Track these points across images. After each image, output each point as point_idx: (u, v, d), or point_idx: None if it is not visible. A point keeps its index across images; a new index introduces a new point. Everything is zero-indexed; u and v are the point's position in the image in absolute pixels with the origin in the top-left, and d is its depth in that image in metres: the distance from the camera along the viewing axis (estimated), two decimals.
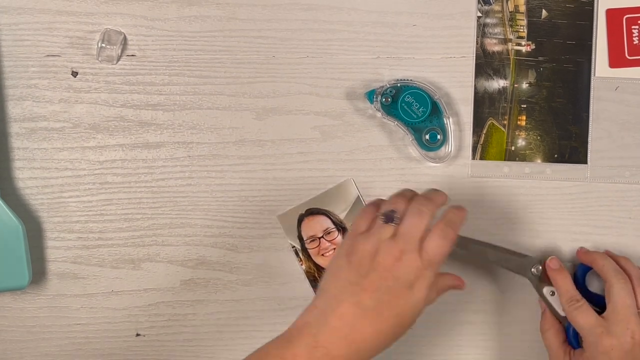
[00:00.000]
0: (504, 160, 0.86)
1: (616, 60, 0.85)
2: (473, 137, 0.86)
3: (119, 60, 0.85)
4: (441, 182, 0.86)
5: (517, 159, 0.86)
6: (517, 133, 0.86)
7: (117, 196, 0.85)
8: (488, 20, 0.86)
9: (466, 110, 0.86)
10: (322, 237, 0.85)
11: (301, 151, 0.85)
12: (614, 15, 0.85)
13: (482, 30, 0.86)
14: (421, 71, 0.85)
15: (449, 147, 0.85)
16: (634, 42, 0.85)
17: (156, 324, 0.86)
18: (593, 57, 0.86)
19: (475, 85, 0.86)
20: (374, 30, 0.85)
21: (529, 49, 0.86)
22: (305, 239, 0.85)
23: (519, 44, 0.86)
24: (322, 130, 0.85)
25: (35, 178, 0.85)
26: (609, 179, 0.86)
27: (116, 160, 0.85)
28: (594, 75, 0.86)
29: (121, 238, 0.85)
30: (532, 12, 0.86)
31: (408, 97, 0.83)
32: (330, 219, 0.85)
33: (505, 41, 0.86)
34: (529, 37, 0.86)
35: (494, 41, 0.86)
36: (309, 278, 0.85)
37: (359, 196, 0.84)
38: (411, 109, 0.83)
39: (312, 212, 0.85)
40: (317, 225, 0.85)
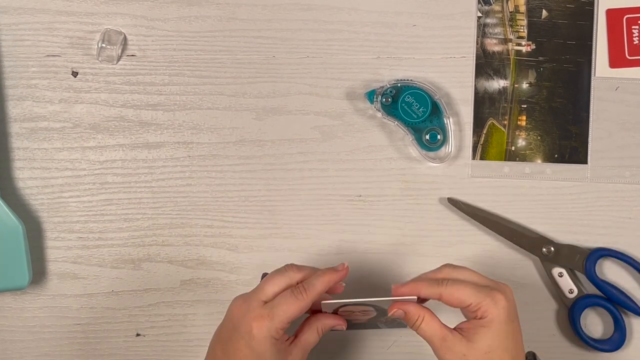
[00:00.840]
0: (504, 160, 0.86)
1: (616, 60, 0.85)
2: (473, 137, 0.86)
3: (119, 60, 0.85)
4: (441, 182, 0.86)
5: (517, 159, 0.86)
6: (517, 133, 0.86)
7: (117, 196, 0.85)
8: (488, 20, 0.86)
9: (466, 110, 0.86)
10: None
11: (301, 151, 0.85)
12: (614, 15, 0.85)
13: (482, 30, 0.86)
14: (421, 71, 0.85)
15: (449, 147, 0.85)
16: (634, 42, 0.85)
17: (156, 324, 0.86)
18: (593, 57, 0.86)
19: (475, 85, 0.86)
20: (374, 30, 0.85)
21: (529, 49, 0.86)
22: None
23: (519, 44, 0.86)
24: (322, 130, 0.85)
25: (35, 178, 0.85)
26: (609, 179, 0.86)
27: (116, 160, 0.85)
28: (594, 75, 0.86)
29: (121, 238, 0.85)
30: (532, 12, 0.86)
31: (408, 97, 0.83)
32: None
33: (505, 41, 0.86)
34: (529, 37, 0.86)
35: (494, 41, 0.86)
36: None
37: None
38: (411, 109, 0.83)
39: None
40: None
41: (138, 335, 0.86)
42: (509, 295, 0.71)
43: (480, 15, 0.86)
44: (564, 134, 0.86)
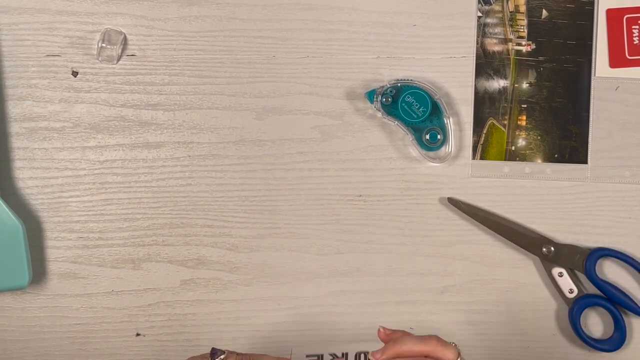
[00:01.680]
0: (504, 160, 0.86)
1: (616, 60, 0.85)
2: (473, 137, 0.86)
3: (119, 60, 0.85)
4: (441, 182, 0.86)
5: (518, 158, 0.86)
6: (517, 133, 0.86)
7: (117, 196, 0.85)
8: (488, 20, 0.86)
9: (466, 110, 0.86)
10: None
11: (301, 151, 0.85)
12: (614, 15, 0.85)
13: (482, 30, 0.86)
14: (421, 71, 0.85)
15: (449, 147, 0.85)
16: (634, 42, 0.85)
17: (156, 324, 0.86)
18: (593, 57, 0.86)
19: (475, 85, 0.86)
20: (374, 30, 0.85)
21: (529, 48, 0.86)
22: None
23: (519, 44, 0.86)
24: (322, 130, 0.85)
25: (35, 178, 0.85)
26: (609, 179, 0.86)
27: (116, 160, 0.85)
28: (594, 75, 0.86)
29: (121, 238, 0.85)
30: (532, 12, 0.86)
31: (408, 97, 0.83)
32: None
33: (505, 41, 0.86)
34: (529, 37, 0.86)
35: (494, 41, 0.86)
36: None
37: None
38: (411, 108, 0.83)
39: None
40: None
41: (138, 335, 0.86)
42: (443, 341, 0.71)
43: (481, 15, 0.86)
44: (564, 134, 0.86)
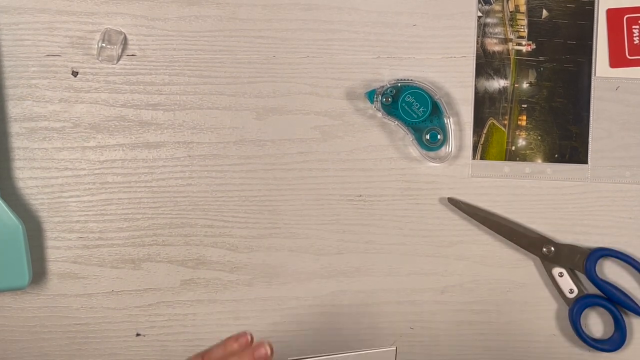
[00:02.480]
0: (505, 160, 0.86)
1: (617, 60, 0.85)
2: (473, 137, 0.86)
3: (119, 60, 0.85)
4: (441, 182, 0.86)
5: (518, 158, 0.86)
6: (517, 133, 0.86)
7: (117, 196, 0.85)
8: (488, 20, 0.86)
9: (466, 110, 0.86)
10: None
11: (301, 151, 0.85)
12: (614, 15, 0.85)
13: (482, 30, 0.86)
14: (421, 71, 0.85)
15: (450, 147, 0.85)
16: (635, 42, 0.85)
17: (156, 324, 0.86)
18: (593, 57, 0.86)
19: (475, 85, 0.86)
20: (374, 30, 0.85)
21: (529, 48, 0.86)
22: None
23: (520, 44, 0.86)
24: (322, 130, 0.85)
25: (35, 178, 0.85)
26: (609, 179, 0.86)
27: (116, 160, 0.85)
28: (595, 75, 0.86)
29: (121, 238, 0.85)
30: (532, 12, 0.86)
31: (408, 97, 0.83)
32: None
33: (505, 41, 0.86)
34: (530, 37, 0.86)
35: (495, 41, 0.86)
36: None
37: None
38: (411, 108, 0.83)
39: None
40: None
41: (138, 335, 0.86)
42: None
43: (481, 15, 0.86)
44: (564, 134, 0.86)
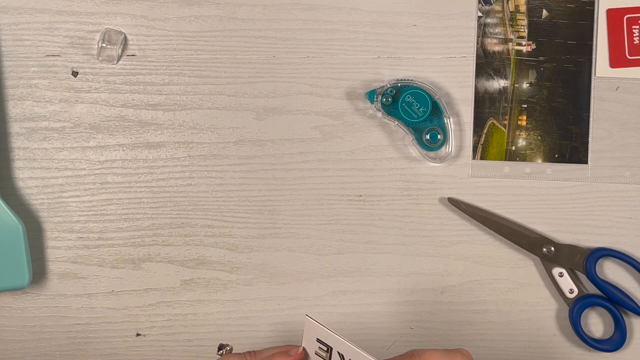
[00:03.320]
0: (505, 160, 0.86)
1: (617, 60, 0.85)
2: (473, 137, 0.86)
3: (119, 60, 0.85)
4: (441, 182, 0.86)
5: (518, 158, 0.86)
6: (517, 133, 0.86)
7: (117, 196, 0.85)
8: (488, 20, 0.86)
9: (466, 110, 0.86)
10: None
11: (301, 151, 0.85)
12: (614, 15, 0.85)
13: (482, 30, 0.86)
14: (421, 71, 0.85)
15: (450, 147, 0.85)
16: (635, 42, 0.85)
17: (156, 324, 0.86)
18: (594, 57, 0.86)
19: (475, 85, 0.86)
20: (374, 30, 0.85)
21: (529, 48, 0.86)
22: None
23: (520, 44, 0.86)
24: (322, 130, 0.85)
25: (35, 178, 0.85)
26: (609, 179, 0.86)
27: (116, 160, 0.85)
28: (595, 75, 0.86)
29: (121, 238, 0.85)
30: (532, 12, 0.86)
31: (408, 97, 0.83)
32: None
33: (505, 41, 0.86)
34: (530, 37, 0.86)
35: (495, 41, 0.86)
36: None
37: None
38: (411, 108, 0.83)
39: None
40: None
41: (138, 335, 0.86)
42: (469, 357, 0.70)
43: (481, 15, 0.86)
44: (564, 134, 0.86)
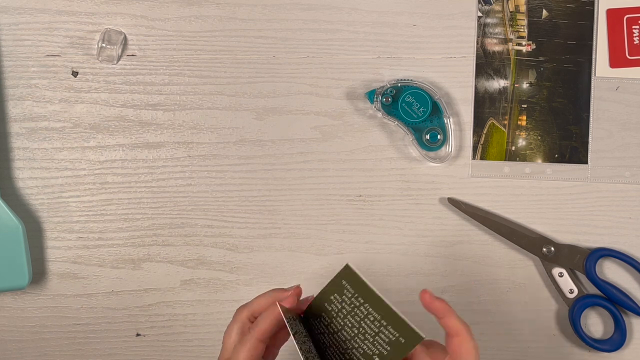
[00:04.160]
0: (505, 160, 0.86)
1: (617, 60, 0.85)
2: (473, 137, 0.86)
3: (119, 60, 0.85)
4: (441, 182, 0.86)
5: (518, 159, 0.86)
6: (517, 133, 0.86)
7: (117, 196, 0.85)
8: (488, 20, 0.86)
9: (466, 110, 0.86)
10: None
11: (301, 151, 0.85)
12: (614, 15, 0.85)
13: (482, 30, 0.86)
14: (421, 71, 0.85)
15: (450, 147, 0.85)
16: (635, 42, 0.85)
17: (156, 324, 0.86)
18: (593, 57, 0.86)
19: (475, 85, 0.86)
20: (374, 30, 0.85)
21: (529, 48, 0.86)
22: None
23: (520, 44, 0.86)
24: (322, 130, 0.85)
25: (35, 178, 0.85)
26: (609, 179, 0.86)
27: (116, 160, 0.85)
28: (595, 75, 0.86)
29: (121, 238, 0.85)
30: (532, 12, 0.86)
31: (408, 97, 0.83)
32: None
33: (505, 41, 0.86)
34: (530, 37, 0.86)
35: (495, 41, 0.86)
36: None
37: None
38: (411, 109, 0.83)
39: None
40: None
41: (138, 335, 0.86)
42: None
43: (481, 15, 0.86)
44: (564, 134, 0.86)
